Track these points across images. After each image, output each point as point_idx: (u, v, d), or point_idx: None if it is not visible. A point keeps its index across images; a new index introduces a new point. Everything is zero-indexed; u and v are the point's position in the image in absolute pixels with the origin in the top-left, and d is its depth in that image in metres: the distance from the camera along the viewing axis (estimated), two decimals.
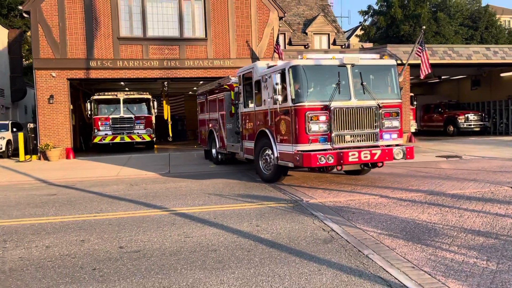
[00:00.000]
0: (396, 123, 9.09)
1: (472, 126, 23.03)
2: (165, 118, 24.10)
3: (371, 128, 8.84)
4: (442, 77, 24.78)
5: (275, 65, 9.58)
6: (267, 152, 9.75)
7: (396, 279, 4.12)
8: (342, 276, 4.23)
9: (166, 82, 20.58)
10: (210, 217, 6.73)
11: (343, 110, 8.60)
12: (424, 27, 21.18)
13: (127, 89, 23.60)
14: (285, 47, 27.62)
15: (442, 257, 4.64)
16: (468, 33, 38.46)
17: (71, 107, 18.24)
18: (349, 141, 8.71)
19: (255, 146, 10.23)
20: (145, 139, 19.39)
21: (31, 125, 17.61)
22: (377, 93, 8.97)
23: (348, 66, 8.80)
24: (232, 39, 18.30)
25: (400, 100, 9.34)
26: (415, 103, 24.55)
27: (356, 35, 43.36)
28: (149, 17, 17.71)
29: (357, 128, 8.75)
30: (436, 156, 14.22)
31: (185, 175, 11.72)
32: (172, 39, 17.86)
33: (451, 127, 23.63)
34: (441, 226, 5.86)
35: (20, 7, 17.55)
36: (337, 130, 8.58)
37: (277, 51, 17.75)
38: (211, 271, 4.44)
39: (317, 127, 8.48)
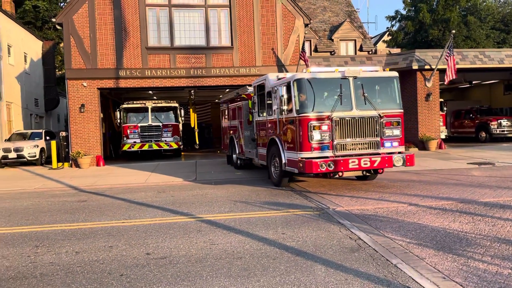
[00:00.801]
0: (397, 131, 9.51)
1: (506, 132, 22.27)
2: (192, 126, 24.37)
3: (372, 136, 9.30)
4: (473, 82, 24.11)
5: (284, 77, 10.10)
6: (276, 158, 10.37)
7: None
8: (370, 286, 4.14)
9: (192, 91, 20.84)
10: (235, 225, 6.73)
11: (344, 120, 9.12)
12: (453, 31, 20.68)
13: (155, 97, 24.05)
14: (310, 54, 27.54)
15: (475, 268, 4.47)
16: (500, 37, 37.37)
17: (101, 116, 18.70)
18: (350, 149, 9.19)
19: (267, 153, 10.90)
20: (172, 147, 19.65)
21: (63, 133, 18.14)
22: (379, 104, 9.45)
23: (350, 79, 9.29)
24: (257, 46, 18.40)
25: (401, 110, 9.72)
26: (445, 109, 24.00)
27: (383, 41, 42.82)
28: (176, 26, 18.03)
29: (359, 137, 9.22)
30: (468, 163, 13.80)
31: (212, 182, 11.79)
32: (199, 48, 18.11)
33: (483, 133, 22.92)
34: (473, 235, 5.66)
35: (53, 20, 18.19)
36: (338, 138, 9.10)
37: (302, 58, 17.72)
38: (237, 279, 4.43)
39: (319, 136, 9.02)
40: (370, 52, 28.90)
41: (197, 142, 25.49)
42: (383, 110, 9.40)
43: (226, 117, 15.57)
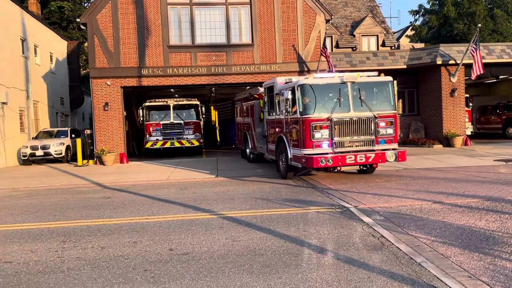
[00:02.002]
0: (390, 130, 10.51)
1: None
2: (213, 123, 24.49)
3: (368, 135, 10.32)
4: (500, 76, 23.45)
5: (291, 82, 11.12)
6: (283, 154, 11.52)
7: None
8: (394, 284, 4.09)
9: (213, 88, 20.94)
10: (257, 221, 6.75)
11: (342, 120, 10.18)
12: (479, 25, 20.18)
13: (176, 95, 24.27)
14: (332, 50, 27.28)
15: (502, 267, 4.37)
16: None
17: (125, 114, 19.00)
18: (348, 146, 10.25)
19: (276, 149, 12.10)
20: (193, 144, 19.81)
21: (88, 131, 18.52)
22: (374, 106, 10.45)
23: (348, 83, 10.37)
24: (278, 43, 18.35)
25: (394, 111, 10.71)
26: (470, 104, 23.44)
27: (407, 36, 42.07)
28: (197, 25, 18.14)
29: (355, 135, 10.28)
30: (494, 160, 13.46)
31: (233, 179, 11.85)
32: (220, 46, 18.18)
33: (511, 129, 22.30)
34: (501, 234, 5.52)
35: (77, 20, 18.55)
36: (337, 137, 10.16)
37: (324, 54, 17.58)
38: (258, 275, 4.44)
39: (320, 134, 10.11)
40: (393, 48, 28.45)
41: (218, 139, 25.62)
42: (378, 111, 10.40)
43: (240, 114, 17.00)
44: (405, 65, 20.05)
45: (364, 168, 11.54)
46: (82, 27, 18.44)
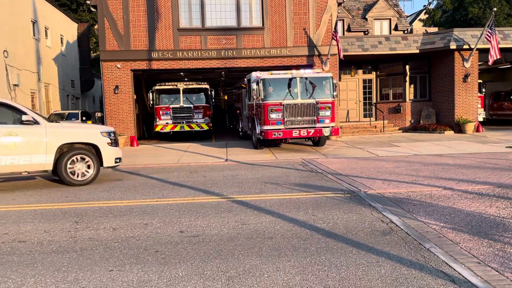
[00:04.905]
0: (328, 113, 14.04)
1: None
2: (222, 107, 24.48)
3: (311, 116, 13.93)
4: None
5: (258, 77, 14.38)
6: (254, 130, 15.03)
7: (460, 274, 3.95)
8: (402, 269, 4.12)
9: (223, 72, 20.88)
10: (266, 205, 6.80)
11: (291, 105, 13.81)
12: (495, 9, 19.74)
13: (186, 79, 24.25)
14: (343, 34, 26.95)
15: None
16: None
17: (135, 97, 19.07)
18: (296, 124, 13.82)
19: (252, 126, 15.57)
20: (203, 128, 19.84)
21: (99, 114, 18.66)
22: (317, 94, 13.99)
23: (297, 78, 13.99)
24: (289, 27, 18.17)
25: (332, 99, 14.21)
26: (483, 90, 23.10)
27: (420, 20, 41.35)
28: (207, 7, 18.01)
29: (301, 116, 13.85)
30: (506, 147, 13.33)
31: (242, 164, 11.90)
32: (230, 29, 18.05)
33: None
34: (511, 220, 5.51)
35: (88, 2, 18.51)
36: (287, 117, 13.80)
37: (335, 38, 17.38)
38: (268, 258, 4.50)
39: (275, 115, 13.76)
40: (406, 32, 28.00)
41: (228, 123, 25.61)
42: (319, 99, 13.95)
43: (235, 100, 21.70)
44: (417, 50, 19.77)
45: (310, 141, 16.13)
46: (92, 9, 18.41)
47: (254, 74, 15.05)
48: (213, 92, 20.93)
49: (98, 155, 9.52)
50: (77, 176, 9.31)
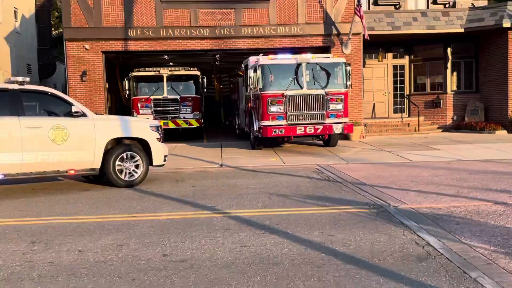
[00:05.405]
0: (339, 106, 14.32)
1: None
2: (216, 99, 24.51)
3: (319, 110, 14.18)
4: None
5: (258, 61, 14.78)
6: (252, 127, 15.40)
7: None
8: None
9: (218, 55, 20.92)
10: (271, 223, 6.80)
11: (295, 96, 14.06)
12: None
13: (171, 64, 24.29)
14: (369, 8, 26.96)
15: None
16: None
17: (107, 86, 19.11)
18: (301, 119, 14.12)
19: (249, 122, 16.07)
20: (192, 125, 19.82)
21: None
22: (327, 84, 14.28)
23: (303, 64, 14.24)
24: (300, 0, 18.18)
25: (345, 90, 14.63)
26: None
27: None
28: None
29: (307, 110, 14.12)
30: None
31: (242, 170, 11.90)
32: (227, 1, 18.09)
33: None
34: None
35: None
36: (291, 111, 14.10)
37: (358, 14, 17.41)
38: None
39: (275, 109, 14.01)
40: (447, 6, 27.99)
41: (223, 120, 25.63)
42: (329, 89, 14.23)
43: (232, 91, 22.02)
44: (462, 29, 19.78)
45: (317, 140, 16.60)
46: None
47: (252, 59, 15.41)
48: (205, 81, 20.95)
49: (146, 152, 10.15)
50: (125, 176, 9.96)
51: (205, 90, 21.17)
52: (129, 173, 10.00)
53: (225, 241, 6.03)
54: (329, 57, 14.98)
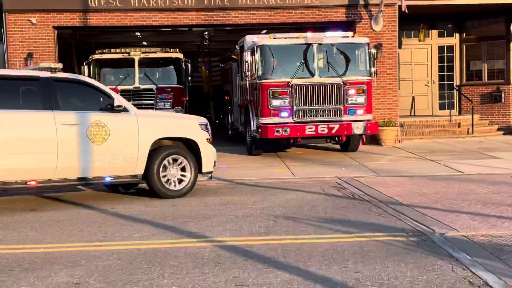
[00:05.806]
0: (361, 99, 14.46)
1: None
2: (205, 90, 24.49)
3: (334, 104, 14.26)
4: None
5: (256, 41, 14.95)
6: (248, 126, 15.53)
7: None
8: None
9: (206, 33, 20.95)
10: (277, 255, 6.78)
11: (304, 86, 14.16)
12: None
13: (145, 43, 24.31)
14: None
15: None
16: None
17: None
18: (311, 116, 14.24)
19: (245, 120, 16.39)
20: None
21: None
22: (345, 71, 14.39)
23: (314, 45, 14.34)
24: None
25: (368, 78, 14.67)
26: None
27: None
28: None
29: (320, 104, 14.20)
30: None
31: (238, 184, 11.90)
32: None
33: None
34: None
35: None
36: (298, 105, 14.16)
37: None
38: None
39: (279, 102, 14.08)
40: None
41: (213, 116, 25.62)
42: (348, 77, 14.36)
43: (223, 79, 22.42)
44: None
45: (332, 142, 16.17)
46: None
47: (249, 39, 15.56)
48: (189, 66, 20.90)
49: (195, 156, 10.48)
50: (170, 184, 10.33)
51: (189, 78, 21.13)
52: (175, 181, 10.36)
53: (217, 279, 6.00)
54: (348, 36, 15.08)
